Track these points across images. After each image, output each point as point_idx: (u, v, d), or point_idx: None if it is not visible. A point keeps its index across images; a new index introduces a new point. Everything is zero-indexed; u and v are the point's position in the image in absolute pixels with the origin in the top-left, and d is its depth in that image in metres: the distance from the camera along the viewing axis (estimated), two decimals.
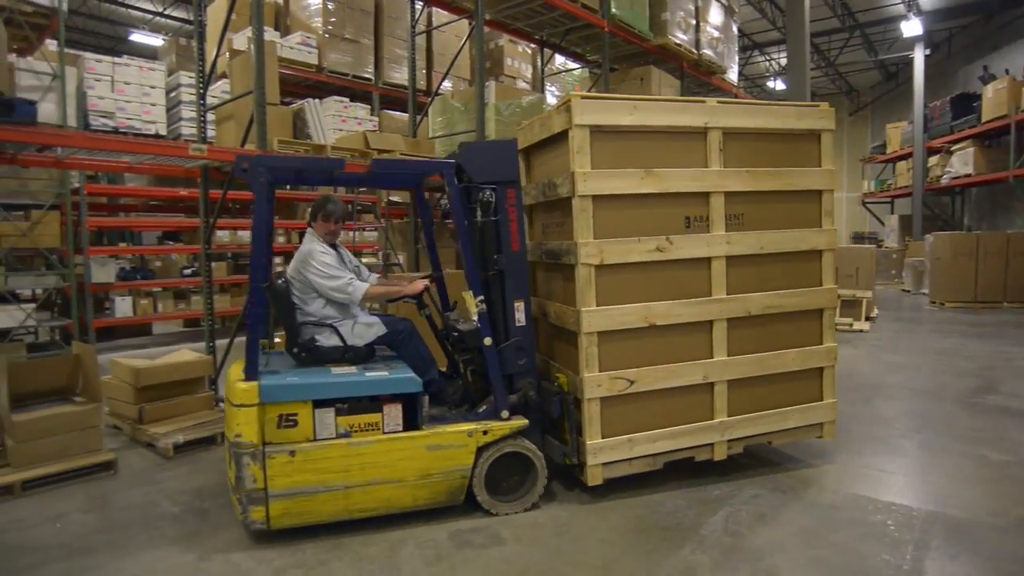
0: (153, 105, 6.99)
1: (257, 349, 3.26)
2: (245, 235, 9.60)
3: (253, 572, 3.03)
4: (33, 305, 8.08)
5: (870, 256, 11.10)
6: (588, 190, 3.59)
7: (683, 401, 3.85)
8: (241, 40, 7.44)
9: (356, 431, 3.31)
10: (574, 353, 3.72)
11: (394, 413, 3.36)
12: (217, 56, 6.36)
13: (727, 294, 3.89)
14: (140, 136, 6.37)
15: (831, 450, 4.39)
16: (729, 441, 3.95)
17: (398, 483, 3.35)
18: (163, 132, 6.79)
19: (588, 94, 3.74)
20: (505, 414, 3.55)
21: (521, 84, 9.77)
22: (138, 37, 16.02)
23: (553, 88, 10.40)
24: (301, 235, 4.74)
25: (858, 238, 20.78)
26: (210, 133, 6.42)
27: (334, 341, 3.62)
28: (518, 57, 9.75)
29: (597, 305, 3.63)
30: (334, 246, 3.85)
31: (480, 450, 3.48)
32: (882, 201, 21.54)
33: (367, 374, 3.43)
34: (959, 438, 4.68)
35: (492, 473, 3.51)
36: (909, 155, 17.96)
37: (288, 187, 9.67)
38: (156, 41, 14.86)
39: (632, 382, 3.70)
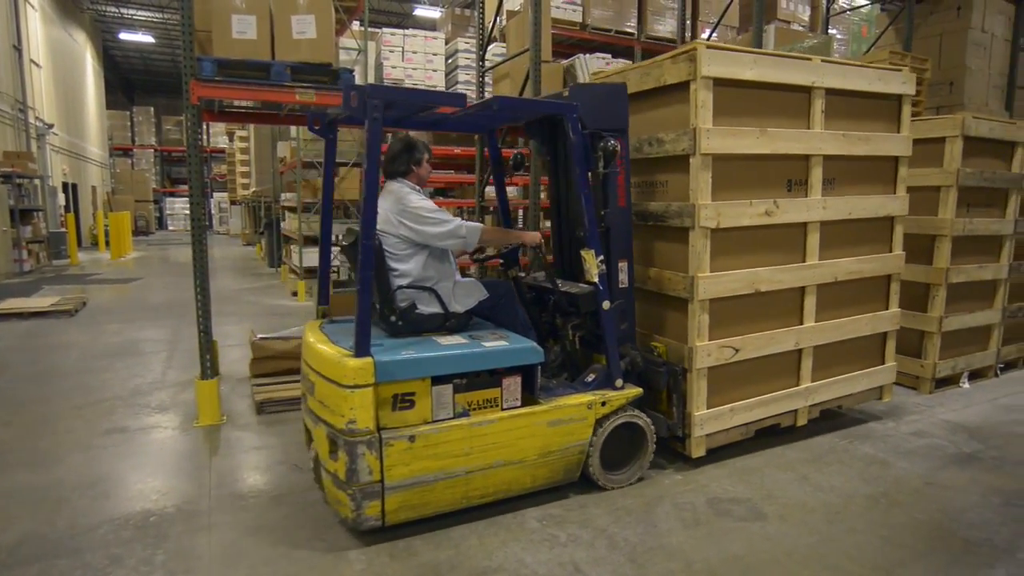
0: (435, 71, 7.72)
1: (368, 319, 2.76)
2: (512, 190, 10.15)
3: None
4: (338, 248, 9.59)
5: None
6: (710, 148, 3.35)
7: (775, 368, 3.84)
8: (513, 2, 7.77)
9: (474, 409, 2.94)
10: (679, 321, 3.60)
11: (513, 387, 3.01)
12: (495, 20, 6.74)
13: (818, 259, 3.86)
14: None
15: None
16: (810, 406, 3.99)
17: (519, 464, 3.04)
18: None
19: (712, 43, 3.45)
20: (619, 382, 3.29)
21: (796, 28, 8.82)
22: (421, 11, 17.78)
23: (835, 30, 9.22)
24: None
25: None
26: (487, 93, 6.88)
27: (434, 307, 3.15)
28: None
29: (711, 271, 3.47)
30: None
31: (598, 422, 3.22)
32: None
33: (484, 344, 3.00)
34: None
35: (606, 446, 3.27)
36: None
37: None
38: (435, 13, 16.30)
39: (737, 350, 3.61)
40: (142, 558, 2.71)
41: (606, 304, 3.26)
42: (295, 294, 9.33)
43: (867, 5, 9.31)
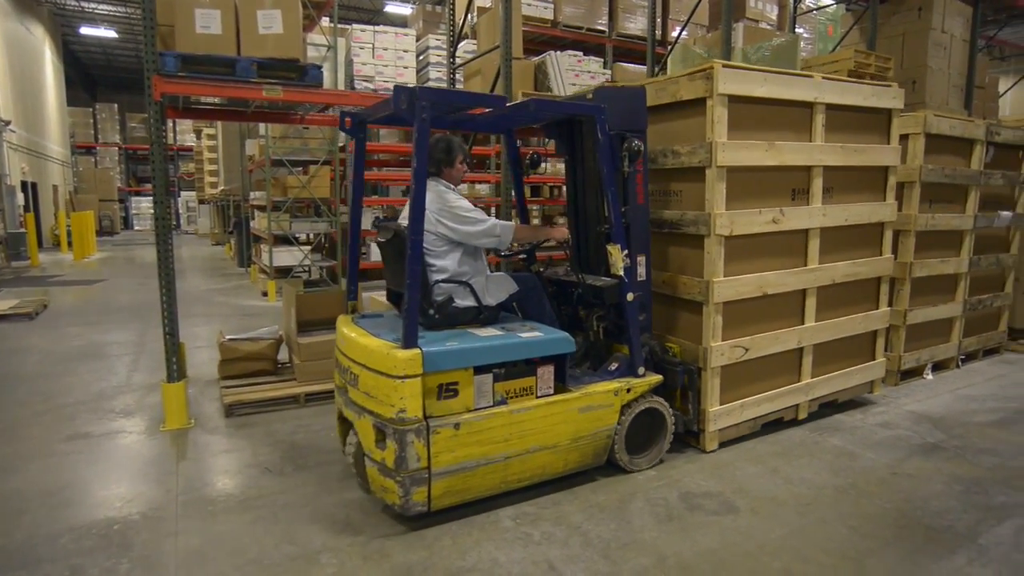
0: (406, 68, 7.64)
1: (417, 312, 2.88)
2: (482, 188, 10.11)
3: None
4: (308, 247, 9.46)
5: None
6: (725, 161, 3.54)
7: (779, 366, 4.06)
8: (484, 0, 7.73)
9: (511, 397, 3.06)
10: (692, 322, 3.79)
11: (547, 376, 3.15)
12: (466, 17, 6.70)
13: (818, 263, 4.09)
14: None
15: None
16: (809, 400, 4.22)
17: (553, 449, 3.17)
18: None
19: (728, 63, 3.60)
20: (641, 370, 3.46)
21: (764, 27, 8.93)
22: (391, 8, 17.59)
23: (802, 29, 9.34)
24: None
25: None
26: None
27: (469, 300, 3.25)
28: None
29: (724, 276, 3.65)
30: None
31: (623, 408, 3.38)
32: None
33: (520, 335, 3.11)
34: None
35: (630, 430, 3.43)
36: None
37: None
38: (406, 10, 16.14)
39: (747, 350, 3.82)
40: (105, 568, 2.64)
41: (630, 296, 3.40)
42: (265, 294, 9.17)
43: (833, 5, 9.46)
